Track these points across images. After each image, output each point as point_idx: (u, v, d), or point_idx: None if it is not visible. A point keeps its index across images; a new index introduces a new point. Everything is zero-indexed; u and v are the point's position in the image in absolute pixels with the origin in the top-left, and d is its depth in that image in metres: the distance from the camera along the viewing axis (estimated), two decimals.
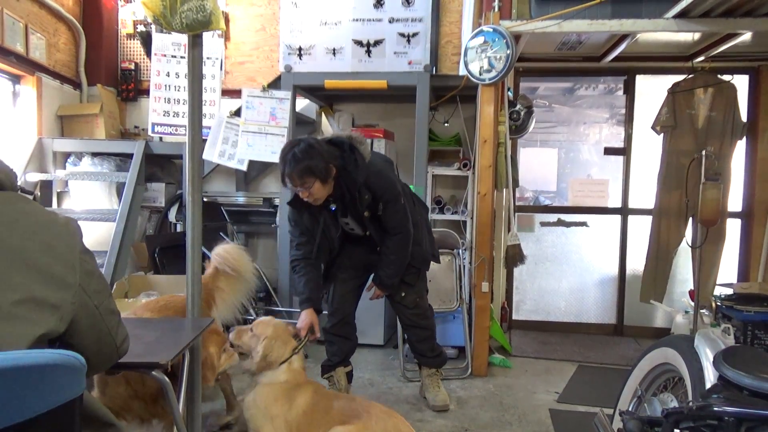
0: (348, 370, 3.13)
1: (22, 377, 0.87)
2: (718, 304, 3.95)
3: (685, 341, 1.96)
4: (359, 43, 4.07)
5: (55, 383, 0.92)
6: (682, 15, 3.39)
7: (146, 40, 4.75)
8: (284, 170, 2.61)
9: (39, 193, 4.33)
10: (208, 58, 4.13)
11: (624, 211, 4.80)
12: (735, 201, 4.54)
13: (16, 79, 4.23)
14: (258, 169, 4.87)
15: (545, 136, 5.91)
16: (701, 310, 4.01)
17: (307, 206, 2.77)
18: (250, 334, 2.35)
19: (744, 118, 4.38)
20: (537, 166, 5.68)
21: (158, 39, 4.16)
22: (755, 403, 1.44)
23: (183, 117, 4.17)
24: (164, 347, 1.65)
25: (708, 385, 1.70)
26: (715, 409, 1.47)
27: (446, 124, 4.68)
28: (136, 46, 5.06)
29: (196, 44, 2.06)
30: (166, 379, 1.56)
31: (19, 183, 4.19)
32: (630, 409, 2.11)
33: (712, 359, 1.71)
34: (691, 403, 1.58)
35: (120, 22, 5.05)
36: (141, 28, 4.92)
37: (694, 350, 1.86)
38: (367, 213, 2.76)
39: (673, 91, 4.40)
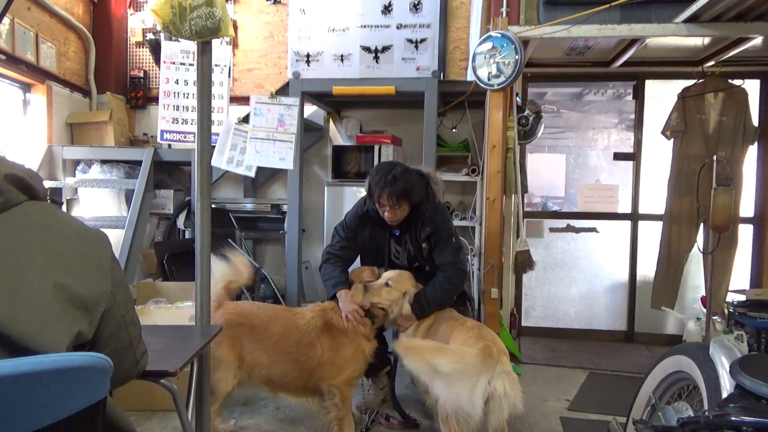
0: (387, 370, 3.25)
1: (56, 380, 0.89)
2: (731, 310, 3.88)
3: (700, 349, 1.92)
4: (367, 49, 4.07)
5: (83, 385, 0.94)
6: (692, 19, 3.36)
7: (155, 48, 4.78)
8: (382, 189, 2.75)
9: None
10: (216, 65, 4.14)
11: (634, 217, 4.76)
12: (747, 206, 4.49)
13: (26, 88, 4.26)
14: (266, 175, 4.88)
15: (553, 142, 5.89)
16: (713, 317, 3.96)
17: (374, 223, 2.95)
18: (387, 289, 2.75)
19: (755, 122, 4.34)
20: (545, 172, 5.65)
21: (167, 47, 4.17)
22: None
23: (192, 124, 4.18)
24: (173, 355, 1.64)
25: (724, 395, 1.67)
26: (733, 419, 1.44)
27: (454, 130, 4.67)
28: (145, 54, 5.09)
29: (205, 51, 2.07)
30: (175, 387, 1.55)
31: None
32: (644, 418, 2.08)
33: (728, 368, 1.68)
34: (707, 413, 1.55)
35: (129, 31, 5.09)
36: (150, 36, 4.95)
37: (710, 358, 1.83)
38: (425, 245, 2.90)
39: (683, 95, 4.37)
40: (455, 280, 2.87)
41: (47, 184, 4.27)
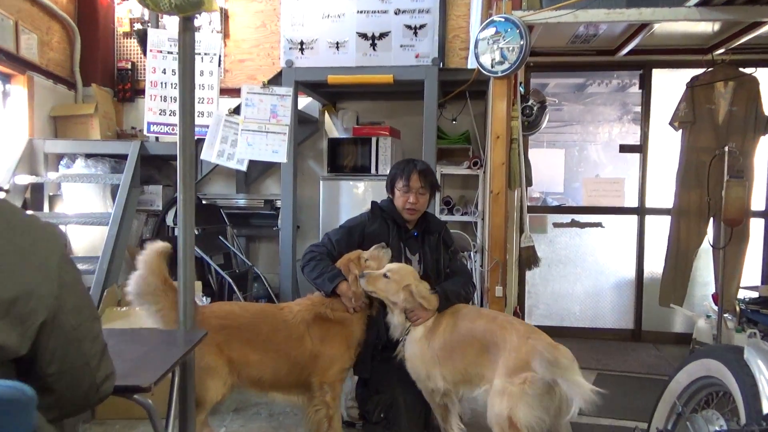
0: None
1: None
2: (743, 308, 3.75)
3: (732, 352, 1.76)
4: (364, 36, 3.89)
5: None
6: (704, 3, 3.21)
7: (143, 39, 4.56)
8: (412, 170, 2.78)
9: (29, 197, 4.16)
10: (206, 54, 3.96)
11: (641, 211, 4.61)
12: (758, 199, 4.34)
13: (6, 78, 4.06)
14: (259, 169, 4.70)
15: (552, 137, 5.74)
16: (724, 315, 3.81)
17: (385, 219, 2.84)
18: (385, 281, 2.49)
19: (767, 112, 4.18)
20: (543, 168, 5.50)
21: (154, 35, 3.98)
22: None
23: None
24: (151, 365, 1.47)
25: (765, 403, 1.50)
26: None
27: (454, 122, 4.50)
28: (132, 45, 4.91)
29: (187, 28, 1.89)
30: (150, 402, 1.37)
31: (7, 186, 3.95)
32: (669, 428, 1.91)
33: None
34: (748, 426, 1.38)
35: (116, 21, 4.90)
36: (138, 26, 4.76)
37: (744, 363, 1.66)
38: (453, 248, 2.93)
39: (692, 85, 4.20)
40: (469, 287, 2.85)
41: (27, 179, 4.07)
